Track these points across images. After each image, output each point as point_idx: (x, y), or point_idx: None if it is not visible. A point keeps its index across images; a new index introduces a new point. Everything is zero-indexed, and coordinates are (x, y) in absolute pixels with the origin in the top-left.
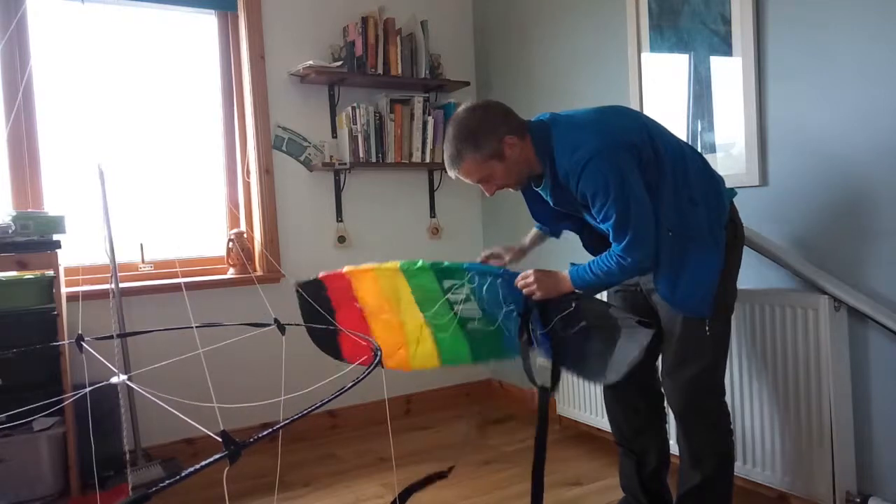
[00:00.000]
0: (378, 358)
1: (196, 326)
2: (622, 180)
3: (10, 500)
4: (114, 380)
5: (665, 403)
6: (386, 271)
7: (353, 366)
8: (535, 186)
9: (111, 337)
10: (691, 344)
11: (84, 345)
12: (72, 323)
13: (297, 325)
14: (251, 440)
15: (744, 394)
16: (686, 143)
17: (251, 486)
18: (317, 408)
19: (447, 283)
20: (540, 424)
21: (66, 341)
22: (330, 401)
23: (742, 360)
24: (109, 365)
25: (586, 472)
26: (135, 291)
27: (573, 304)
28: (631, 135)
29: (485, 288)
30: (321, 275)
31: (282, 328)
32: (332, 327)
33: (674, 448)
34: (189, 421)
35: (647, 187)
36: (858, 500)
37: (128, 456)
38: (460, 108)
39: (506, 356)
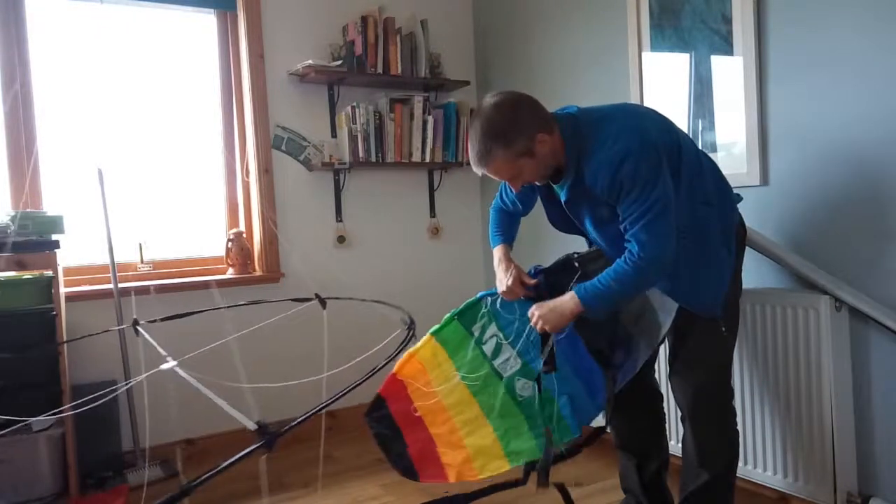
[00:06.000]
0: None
1: (240, 304)
2: (661, 178)
3: (9, 500)
4: (164, 366)
5: (664, 404)
6: (425, 349)
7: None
8: (552, 182)
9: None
10: (707, 345)
11: (140, 329)
12: (71, 323)
13: (338, 298)
14: (284, 429)
15: (744, 394)
16: (696, 145)
17: (251, 487)
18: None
19: (475, 329)
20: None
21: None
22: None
23: (742, 361)
24: (161, 350)
25: (587, 472)
26: (133, 291)
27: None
28: (662, 135)
29: (498, 303)
30: (380, 390)
31: (323, 302)
32: (402, 452)
33: (673, 449)
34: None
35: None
36: (859, 500)
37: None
38: (487, 103)
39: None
